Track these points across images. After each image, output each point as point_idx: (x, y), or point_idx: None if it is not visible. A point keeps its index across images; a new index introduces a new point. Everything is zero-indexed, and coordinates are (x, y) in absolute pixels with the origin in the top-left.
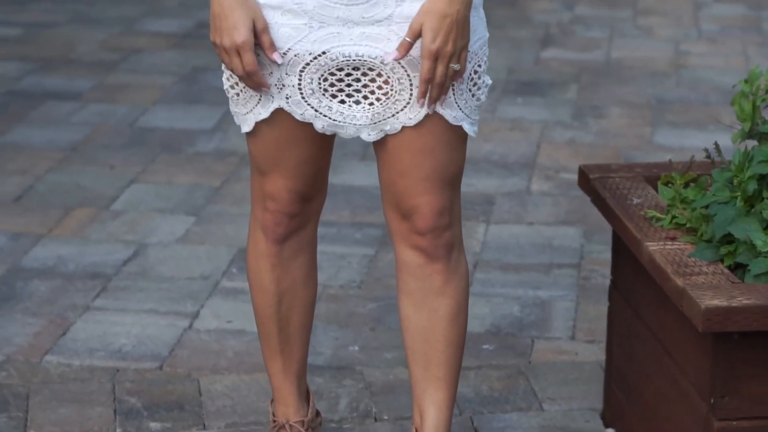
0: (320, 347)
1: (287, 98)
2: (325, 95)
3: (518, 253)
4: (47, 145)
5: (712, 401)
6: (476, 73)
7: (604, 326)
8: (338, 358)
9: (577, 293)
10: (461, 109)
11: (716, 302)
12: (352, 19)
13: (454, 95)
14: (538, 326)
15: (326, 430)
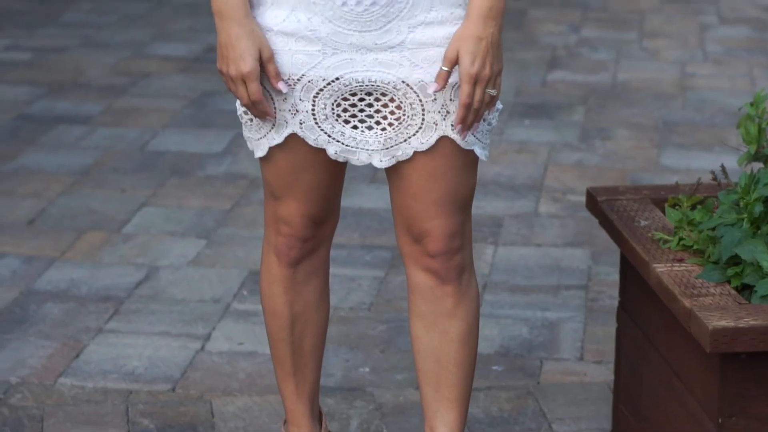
0: (331, 369)
1: (301, 124)
2: (338, 120)
3: (526, 274)
4: (58, 168)
5: (719, 421)
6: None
7: (612, 347)
8: (349, 379)
9: (585, 314)
10: (473, 133)
11: (723, 323)
12: (365, 45)
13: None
14: (546, 347)
15: None
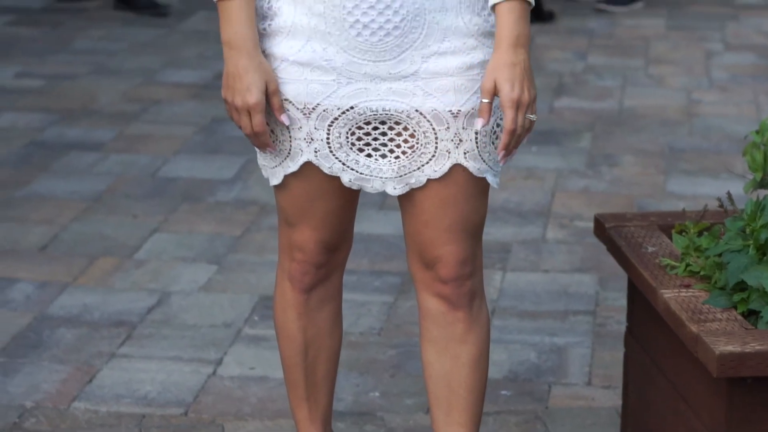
0: (342, 393)
1: (316, 152)
2: (352, 149)
3: (534, 300)
4: (71, 195)
5: None
6: (498, 126)
7: (619, 372)
8: (359, 404)
9: (592, 340)
10: (485, 161)
11: (730, 348)
12: (379, 75)
13: (477, 148)
14: (554, 372)
15: None
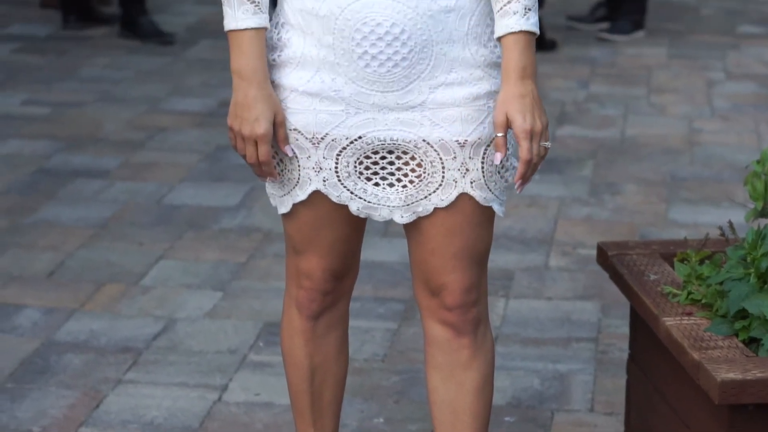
0: (346, 419)
1: (324, 181)
2: (360, 178)
3: (537, 327)
4: (77, 222)
5: None
6: (505, 156)
7: (622, 399)
8: (364, 430)
9: (595, 366)
10: (491, 190)
11: (732, 375)
12: (387, 105)
13: (484, 177)
14: (557, 399)
15: None
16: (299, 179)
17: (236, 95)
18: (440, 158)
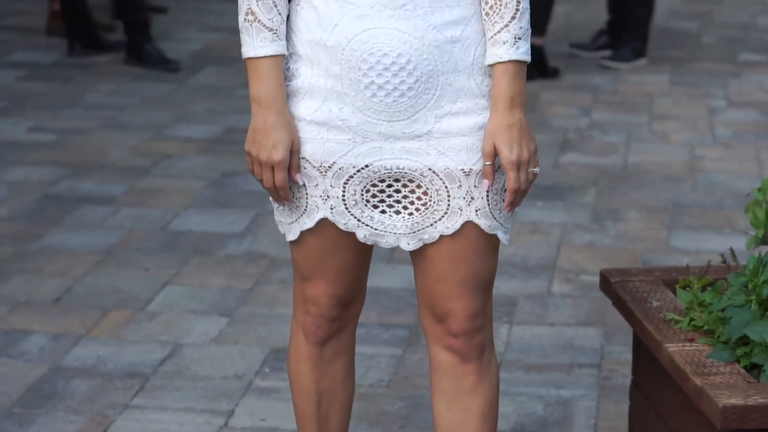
0: None
1: (332, 209)
2: (367, 206)
3: (541, 353)
4: (83, 248)
5: None
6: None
7: (625, 424)
8: None
9: (598, 392)
10: (496, 218)
11: (733, 401)
12: (393, 134)
13: (488, 205)
14: (561, 425)
15: None
16: (307, 207)
17: (255, 121)
18: (446, 186)
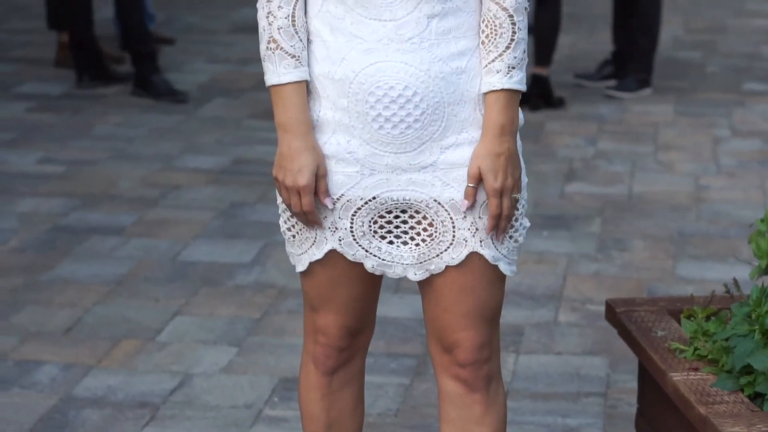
0: None
1: (340, 240)
2: (374, 236)
3: (547, 382)
4: (93, 278)
5: None
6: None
7: None
8: None
9: (604, 421)
10: (498, 249)
11: (737, 429)
12: (400, 166)
13: (492, 236)
14: None
15: None
16: (316, 239)
17: (281, 147)
18: (451, 218)
